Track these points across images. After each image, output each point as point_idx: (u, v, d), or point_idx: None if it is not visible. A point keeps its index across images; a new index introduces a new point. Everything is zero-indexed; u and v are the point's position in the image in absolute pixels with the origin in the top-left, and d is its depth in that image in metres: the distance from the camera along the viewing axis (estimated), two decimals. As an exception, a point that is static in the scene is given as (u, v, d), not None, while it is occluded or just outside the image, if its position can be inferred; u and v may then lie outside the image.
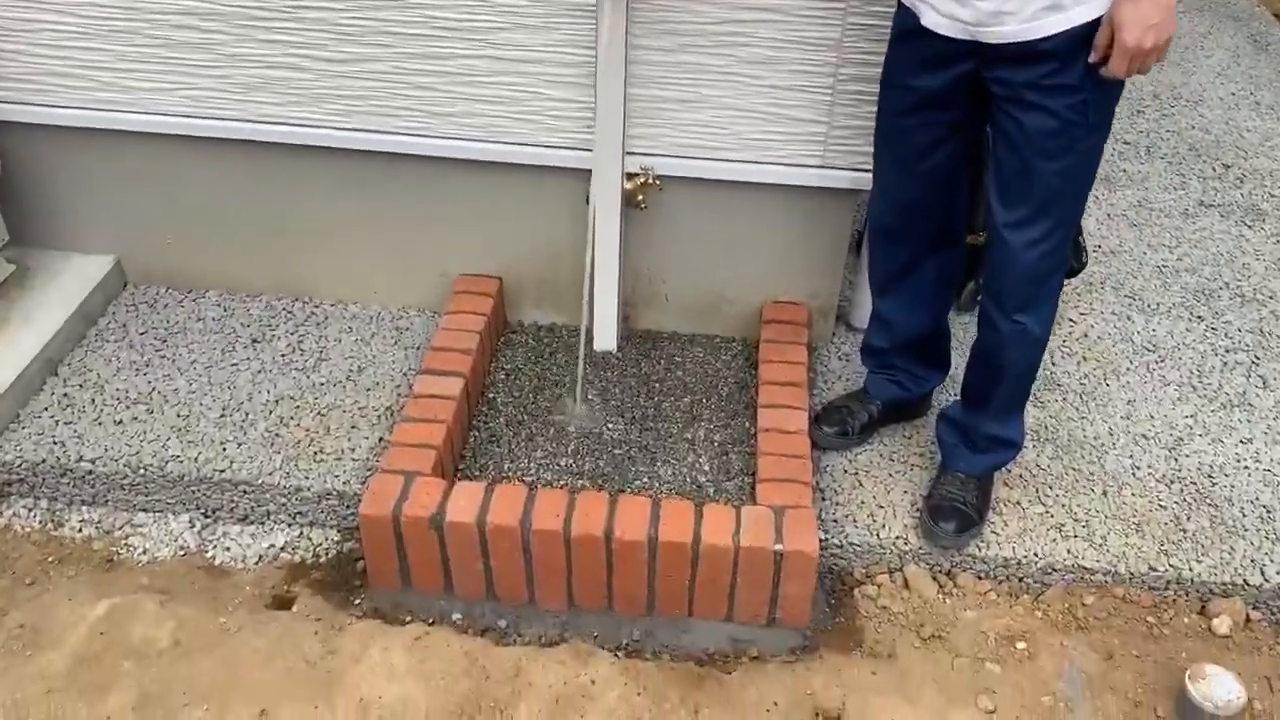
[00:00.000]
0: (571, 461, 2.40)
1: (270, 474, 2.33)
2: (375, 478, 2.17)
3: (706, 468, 2.39)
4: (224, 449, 2.38)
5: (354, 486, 2.31)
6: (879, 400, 2.44)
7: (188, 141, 2.58)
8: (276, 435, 2.42)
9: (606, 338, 2.69)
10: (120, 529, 2.35)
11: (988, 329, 2.09)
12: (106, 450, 2.36)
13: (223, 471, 2.33)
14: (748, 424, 2.51)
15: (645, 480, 2.36)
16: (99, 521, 2.36)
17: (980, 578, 2.26)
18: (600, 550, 2.10)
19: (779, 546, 2.06)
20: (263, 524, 2.37)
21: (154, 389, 2.54)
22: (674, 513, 2.11)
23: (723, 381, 2.64)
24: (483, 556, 2.13)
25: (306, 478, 2.32)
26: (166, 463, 2.34)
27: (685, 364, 2.69)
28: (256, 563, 2.30)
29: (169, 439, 2.40)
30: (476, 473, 2.36)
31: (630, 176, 2.46)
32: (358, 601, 2.20)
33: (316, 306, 2.81)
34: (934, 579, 2.25)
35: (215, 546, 2.33)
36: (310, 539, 2.34)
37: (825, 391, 2.62)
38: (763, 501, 2.17)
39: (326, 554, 2.31)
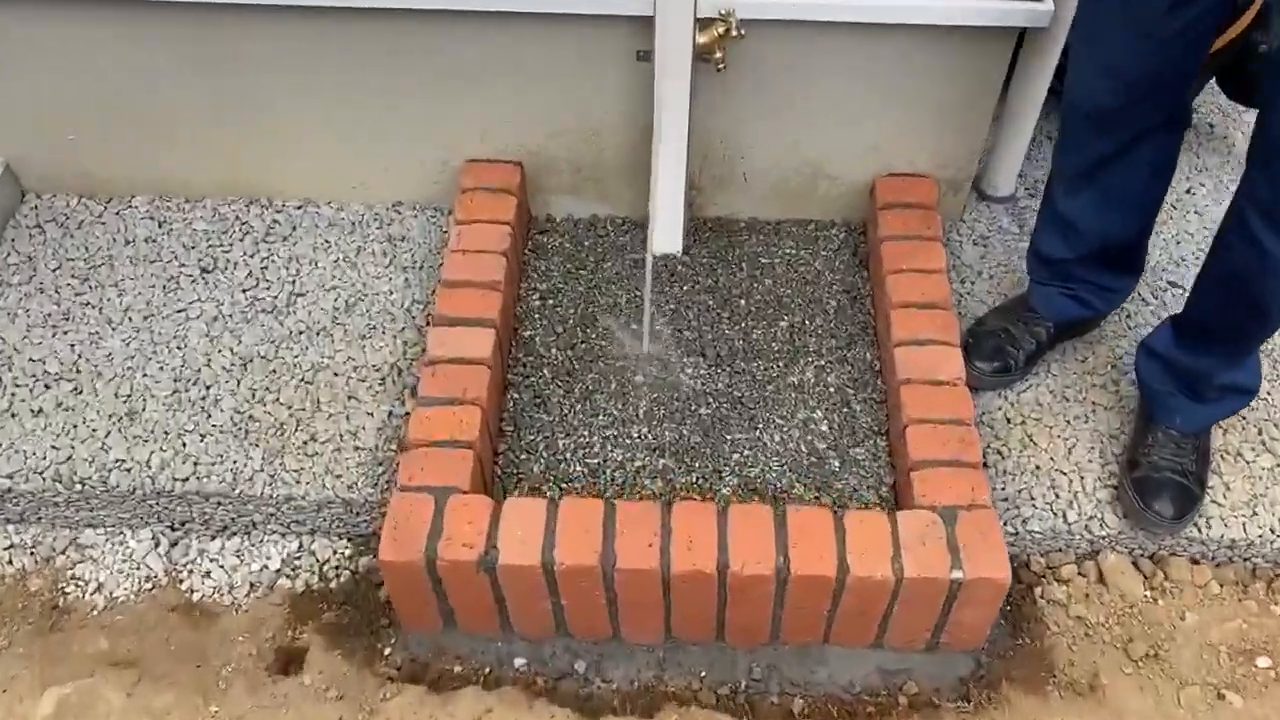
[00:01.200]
0: (646, 430, 1.81)
1: (249, 479, 1.74)
2: (394, 500, 1.59)
3: (825, 427, 1.81)
4: (183, 445, 1.78)
5: (363, 491, 1.73)
6: (1051, 320, 1.83)
7: (87, 3, 1.82)
8: (250, 418, 1.81)
9: (669, 237, 2.04)
10: (63, 553, 1.79)
11: (1246, 248, 1.45)
12: (27, 460, 1.76)
13: (184, 481, 1.73)
14: (868, 353, 1.90)
15: (748, 453, 1.78)
16: (33, 546, 1.79)
17: (1196, 562, 1.73)
18: (711, 586, 1.55)
19: (957, 574, 1.51)
20: (248, 535, 1.80)
21: (80, 356, 1.90)
22: (807, 528, 1.54)
23: (827, 289, 2.00)
24: (551, 596, 1.58)
25: (298, 481, 1.73)
26: (109, 471, 1.75)
27: (774, 266, 2.04)
28: (248, 594, 1.75)
29: (109, 433, 1.79)
30: (523, 456, 1.77)
31: (704, 24, 1.73)
32: (388, 653, 1.67)
33: (279, 212, 2.13)
34: (1138, 570, 1.72)
35: (191, 573, 1.77)
36: (314, 554, 1.79)
37: (966, 299, 1.99)
38: (921, 499, 1.60)
39: (338, 577, 1.76)
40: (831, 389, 1.86)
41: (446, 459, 1.63)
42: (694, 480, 1.74)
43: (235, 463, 1.76)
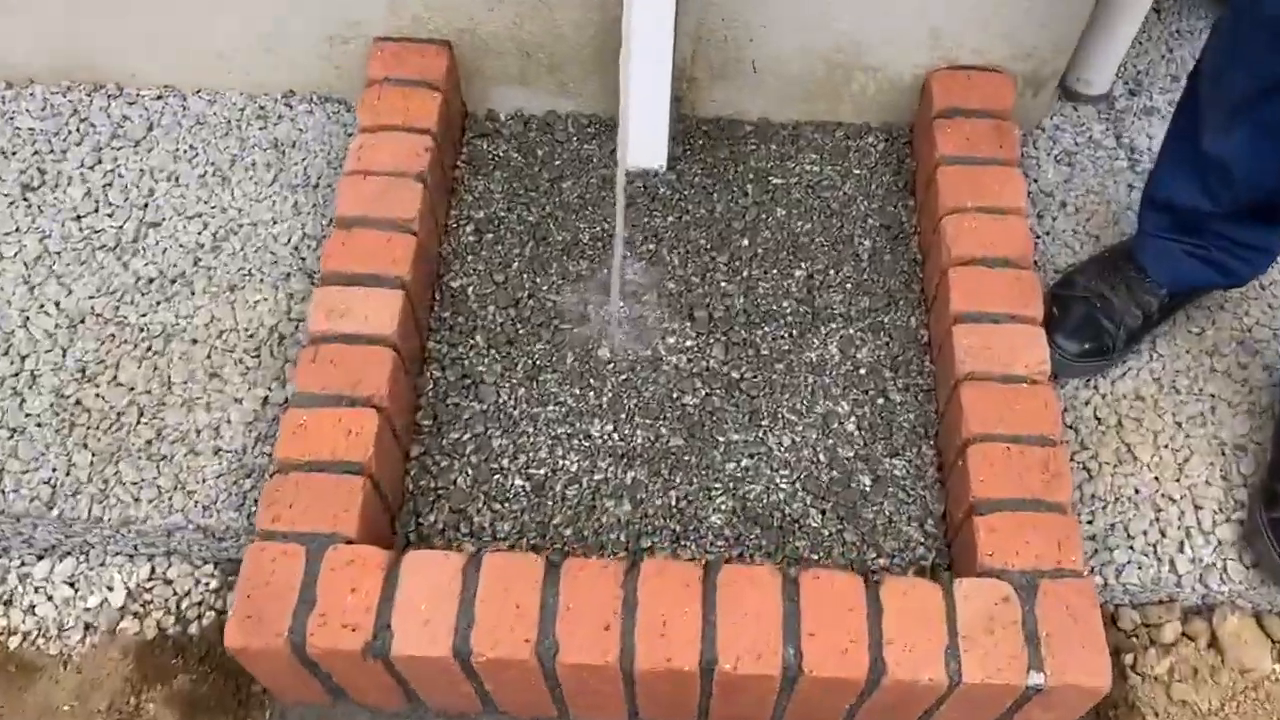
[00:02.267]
0: (611, 428, 1.34)
1: (71, 495, 1.28)
2: (249, 556, 1.13)
3: (852, 426, 1.34)
4: (-16, 443, 1.31)
5: (224, 516, 1.27)
6: (1166, 286, 1.34)
7: None
8: (78, 406, 1.34)
9: (648, 147, 1.52)
10: None
11: None
12: None
13: (-17, 498, 1.28)
14: (912, 318, 1.42)
15: (747, 463, 1.31)
16: None
17: (1342, 622, 1.29)
18: (690, 685, 1.11)
19: (1036, 679, 1.07)
20: (84, 557, 1.36)
21: None
22: (827, 605, 1.10)
23: (859, 223, 1.50)
24: (472, 681, 1.15)
25: (136, 499, 1.28)
26: (-118, 479, 1.29)
27: (789, 190, 1.53)
28: (82, 638, 1.32)
29: (-117, 424, 1.32)
30: (444, 462, 1.31)
31: None
32: (260, 736, 1.25)
33: (131, 104, 1.60)
34: (1265, 635, 1.28)
35: (12, 601, 1.34)
36: (170, 584, 1.35)
37: (1043, 241, 1.49)
38: (988, 558, 1.15)
39: (199, 618, 1.33)
40: (862, 370, 1.38)
41: (326, 489, 1.17)
42: (673, 503, 1.29)
43: (54, 470, 1.29)
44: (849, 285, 1.45)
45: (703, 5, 1.43)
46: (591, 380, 1.37)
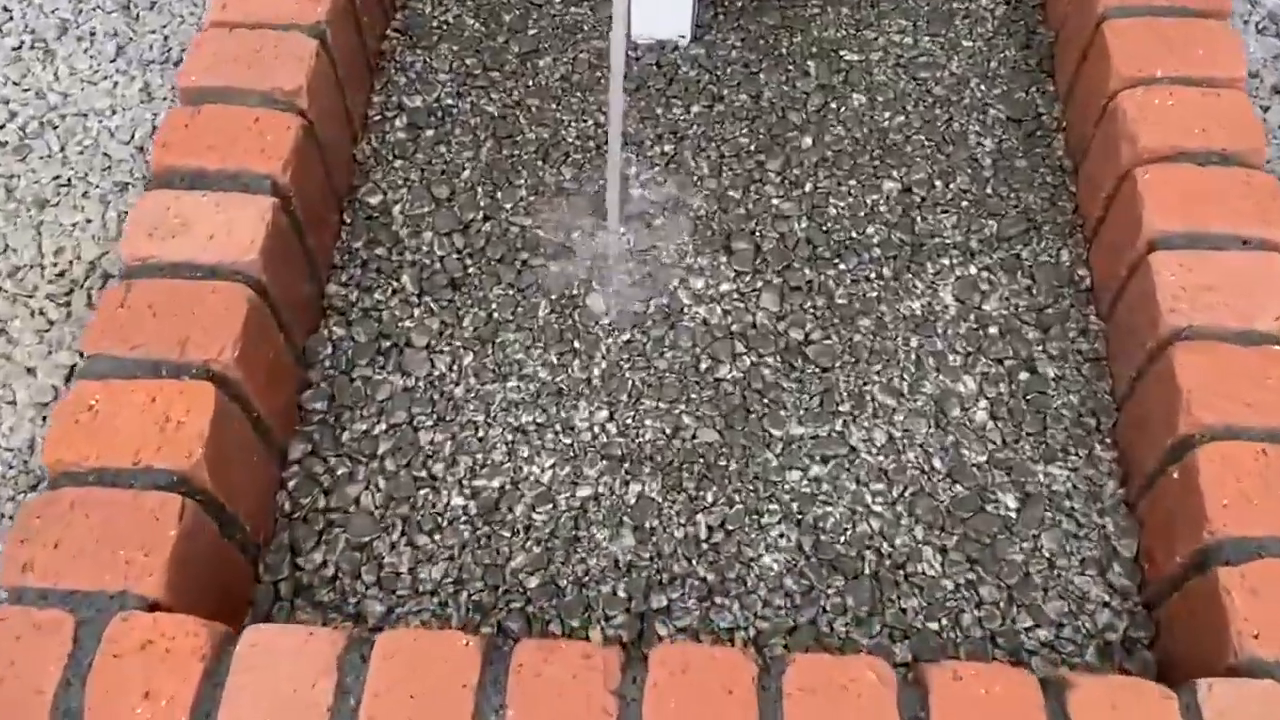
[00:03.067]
0: (607, 420, 0.86)
1: None
2: (-25, 632, 0.66)
3: (982, 415, 0.86)
4: None
5: (-12, 553, 0.79)
6: None
7: None
8: None
9: (667, 6, 1.03)
10: None
11: None
12: None
13: None
14: (1062, 249, 0.93)
15: (819, 474, 0.83)
16: None
17: None
18: None
19: None
20: None
21: None
22: (979, 730, 0.61)
23: (975, 114, 1.02)
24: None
25: None
26: None
27: (871, 67, 1.05)
28: None
29: None
30: (341, 470, 0.84)
31: None
32: None
33: (-74, -48, 1.12)
34: None
35: None
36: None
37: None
38: (1249, 640, 0.66)
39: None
40: (992, 328, 0.90)
41: (118, 518, 0.69)
42: (701, 534, 0.81)
43: None
44: (965, 203, 0.97)
45: None
46: (576, 343, 0.90)
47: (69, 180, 0.97)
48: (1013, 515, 0.82)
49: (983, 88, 1.04)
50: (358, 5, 0.98)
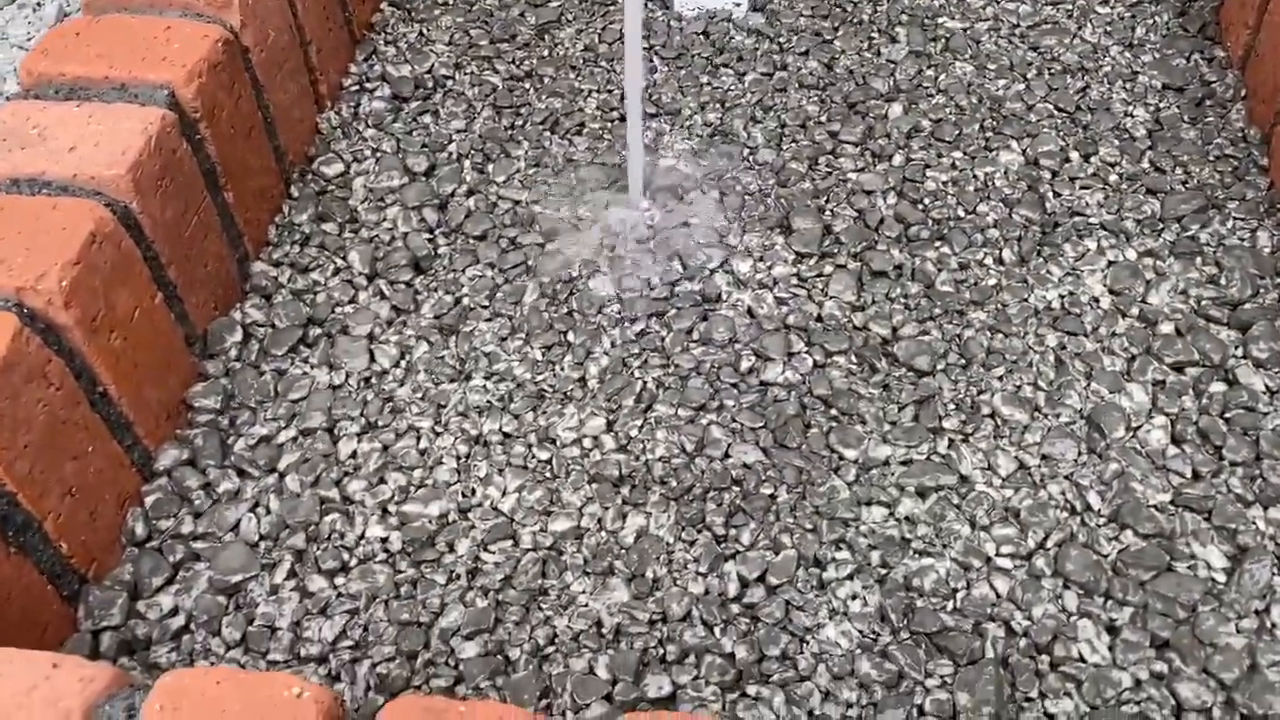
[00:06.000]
0: (604, 430, 0.60)
1: None
2: None
3: (1159, 437, 0.57)
4: None
5: None
6: None
7: None
8: None
9: (717, -33, 0.83)
10: None
11: None
12: None
13: None
14: (1258, 229, 0.66)
15: (912, 511, 0.55)
16: None
17: None
18: None
19: None
20: None
21: None
22: None
23: (1122, 84, 0.78)
24: None
25: None
26: None
27: (979, 36, 0.82)
28: None
29: None
30: (220, 483, 0.59)
31: None
32: None
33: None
34: None
35: None
36: None
37: None
38: None
39: None
40: (1164, 328, 0.62)
41: None
42: (729, 590, 0.53)
43: None
44: (1113, 178, 0.71)
45: None
46: (569, 335, 0.65)
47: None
48: (1219, 577, 0.52)
49: (1127, 55, 0.80)
50: (337, -49, 0.80)
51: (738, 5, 0.85)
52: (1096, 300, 0.65)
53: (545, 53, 0.84)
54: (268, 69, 0.71)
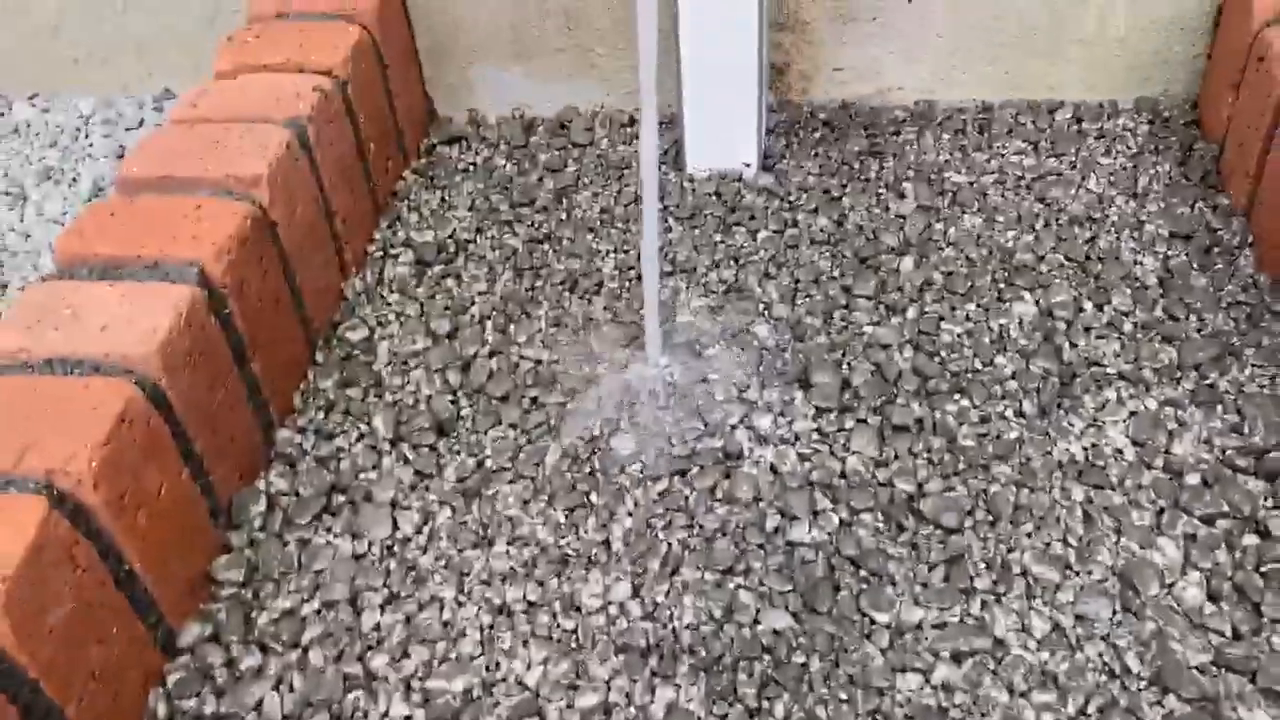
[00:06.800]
0: (630, 596, 0.59)
1: None
2: None
3: (1195, 594, 0.56)
4: None
5: None
6: None
7: None
8: None
9: (731, 134, 0.86)
10: None
11: None
12: None
13: None
14: (1277, 377, 0.66)
15: (946, 677, 0.55)
16: None
17: None
18: None
19: None
20: None
21: None
22: None
23: (1129, 233, 0.80)
24: None
25: None
26: None
27: (985, 189, 0.84)
28: None
29: None
30: (242, 660, 0.58)
31: None
32: None
33: (-71, 117, 1.04)
34: None
35: None
36: None
37: None
38: None
39: None
40: (1190, 479, 0.62)
41: None
42: (766, 767, 0.51)
43: None
44: (1129, 326, 0.72)
45: None
46: (592, 496, 0.65)
47: None
48: (1271, 746, 0.51)
49: (1132, 204, 0.82)
50: (361, 127, 0.83)
51: (747, 166, 0.88)
52: (1120, 452, 0.64)
53: (563, 215, 0.86)
54: (295, 242, 0.73)
